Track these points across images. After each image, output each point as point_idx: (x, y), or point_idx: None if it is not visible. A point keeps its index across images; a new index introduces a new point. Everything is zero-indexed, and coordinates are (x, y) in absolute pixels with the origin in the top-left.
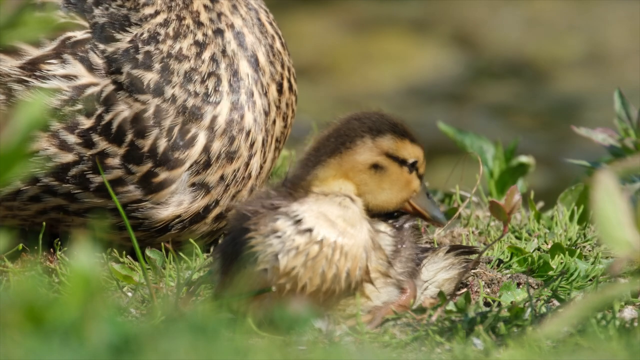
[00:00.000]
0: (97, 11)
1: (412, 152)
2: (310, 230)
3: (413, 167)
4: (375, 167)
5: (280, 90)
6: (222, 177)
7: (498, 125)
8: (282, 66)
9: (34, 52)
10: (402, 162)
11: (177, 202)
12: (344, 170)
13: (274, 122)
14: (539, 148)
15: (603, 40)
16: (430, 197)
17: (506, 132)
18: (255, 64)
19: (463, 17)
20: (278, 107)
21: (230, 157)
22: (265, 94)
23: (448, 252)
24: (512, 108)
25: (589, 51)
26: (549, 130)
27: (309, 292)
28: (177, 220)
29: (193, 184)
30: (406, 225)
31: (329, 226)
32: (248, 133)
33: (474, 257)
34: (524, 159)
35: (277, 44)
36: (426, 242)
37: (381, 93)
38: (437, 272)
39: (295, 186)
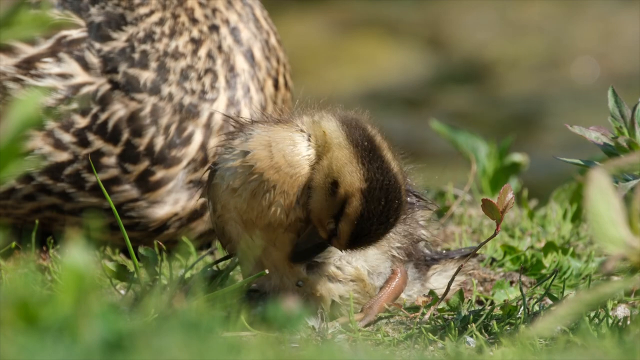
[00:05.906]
0: (93, 10)
1: None
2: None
3: None
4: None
5: (276, 86)
6: None
7: None
8: (278, 62)
9: (29, 51)
10: None
11: (173, 200)
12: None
13: None
14: None
15: (569, 43)
16: None
17: None
18: (251, 59)
19: (444, 20)
20: (274, 103)
21: None
22: (262, 89)
23: (459, 260)
24: (471, 113)
25: (551, 54)
26: (509, 133)
27: (255, 220)
28: (174, 218)
29: (190, 182)
30: (413, 203)
31: (266, 156)
32: None
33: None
34: (517, 157)
35: (273, 40)
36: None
37: (340, 96)
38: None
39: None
